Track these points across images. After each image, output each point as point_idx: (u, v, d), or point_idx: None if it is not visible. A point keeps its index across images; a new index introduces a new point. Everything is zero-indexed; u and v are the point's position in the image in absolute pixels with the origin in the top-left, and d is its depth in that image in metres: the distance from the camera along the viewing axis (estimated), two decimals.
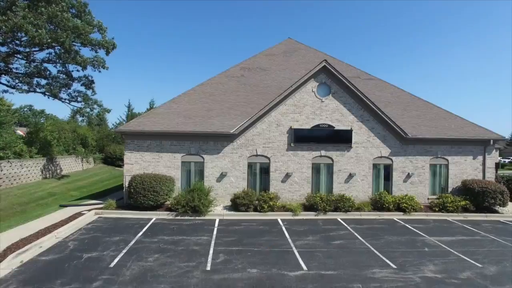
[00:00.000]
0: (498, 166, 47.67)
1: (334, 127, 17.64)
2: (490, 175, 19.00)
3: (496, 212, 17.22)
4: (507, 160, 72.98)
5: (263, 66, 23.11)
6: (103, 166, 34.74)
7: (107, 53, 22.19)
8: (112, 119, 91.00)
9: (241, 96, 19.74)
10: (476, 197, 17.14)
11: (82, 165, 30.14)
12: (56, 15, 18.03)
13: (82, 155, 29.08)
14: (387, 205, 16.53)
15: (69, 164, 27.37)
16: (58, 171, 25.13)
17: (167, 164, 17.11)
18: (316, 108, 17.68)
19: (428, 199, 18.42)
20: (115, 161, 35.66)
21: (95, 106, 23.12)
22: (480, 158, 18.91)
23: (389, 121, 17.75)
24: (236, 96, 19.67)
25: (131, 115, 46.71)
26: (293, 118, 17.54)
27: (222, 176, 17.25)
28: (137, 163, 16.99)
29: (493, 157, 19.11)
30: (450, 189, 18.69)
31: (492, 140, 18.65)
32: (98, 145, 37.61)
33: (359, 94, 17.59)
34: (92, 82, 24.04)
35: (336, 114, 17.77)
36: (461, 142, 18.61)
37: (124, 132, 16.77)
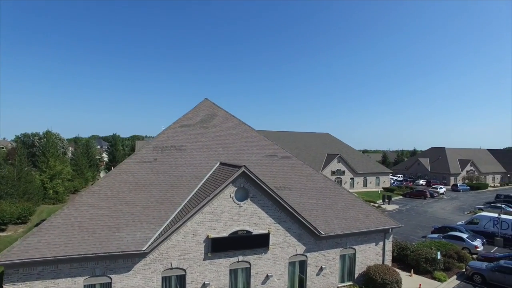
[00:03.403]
0: (390, 198, 54.04)
1: (252, 232, 17.47)
2: (388, 258, 21.27)
3: None
4: (395, 178, 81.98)
5: (178, 144, 21.78)
6: None
7: None
8: None
9: (153, 191, 18.21)
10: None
11: None
12: None
13: None
14: None
15: None
16: None
17: None
18: (234, 214, 17.25)
19: (337, 287, 19.70)
20: None
21: None
22: (380, 244, 20.93)
23: (304, 222, 18.32)
24: (148, 192, 18.06)
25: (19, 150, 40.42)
26: (211, 226, 16.82)
27: None
28: None
29: (390, 241, 21.33)
30: (356, 275, 20.28)
31: (390, 229, 20.82)
32: None
33: (277, 198, 17.74)
34: None
35: (254, 218, 17.62)
36: (367, 233, 20.27)
37: (5, 265, 13.80)
